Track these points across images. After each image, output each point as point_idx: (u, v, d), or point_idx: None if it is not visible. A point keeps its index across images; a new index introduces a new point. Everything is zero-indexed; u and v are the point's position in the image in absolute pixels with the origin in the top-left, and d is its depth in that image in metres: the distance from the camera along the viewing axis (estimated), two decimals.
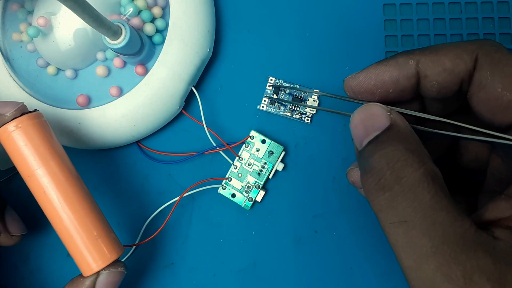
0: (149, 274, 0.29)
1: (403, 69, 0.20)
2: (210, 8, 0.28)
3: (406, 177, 0.16)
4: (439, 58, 0.19)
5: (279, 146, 0.28)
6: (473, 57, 0.19)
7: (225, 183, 0.28)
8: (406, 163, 0.17)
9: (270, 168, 0.28)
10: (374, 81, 0.20)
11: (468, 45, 0.19)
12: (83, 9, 0.20)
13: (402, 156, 0.17)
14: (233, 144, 0.28)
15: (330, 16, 0.30)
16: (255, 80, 0.29)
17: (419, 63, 0.19)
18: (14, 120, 0.21)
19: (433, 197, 0.16)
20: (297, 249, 0.28)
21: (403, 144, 0.17)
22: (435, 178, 0.17)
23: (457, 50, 0.19)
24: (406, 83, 0.20)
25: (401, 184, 0.16)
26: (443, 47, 0.19)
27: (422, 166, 0.17)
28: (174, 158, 0.29)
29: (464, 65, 0.19)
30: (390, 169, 0.17)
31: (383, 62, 0.20)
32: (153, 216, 0.27)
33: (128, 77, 0.27)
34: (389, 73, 0.20)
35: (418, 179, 0.16)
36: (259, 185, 0.28)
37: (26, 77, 0.28)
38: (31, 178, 0.22)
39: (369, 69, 0.21)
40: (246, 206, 0.28)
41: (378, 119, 0.19)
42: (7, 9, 0.28)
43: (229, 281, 0.28)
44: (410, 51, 0.20)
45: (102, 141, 0.28)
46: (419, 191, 0.16)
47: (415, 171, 0.16)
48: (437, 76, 0.19)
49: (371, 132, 0.19)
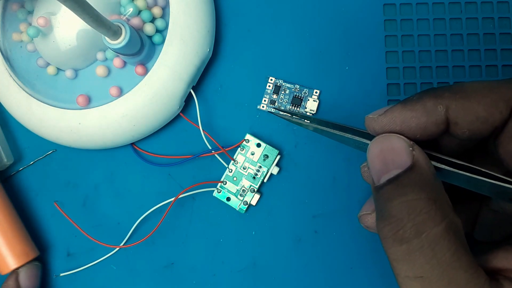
0: (149, 274, 0.29)
1: (431, 116, 0.18)
2: (210, 8, 0.28)
3: (427, 232, 0.15)
4: (472, 106, 0.17)
5: (274, 150, 0.28)
6: (510, 106, 0.17)
7: (220, 186, 0.28)
8: (429, 216, 0.16)
9: (265, 172, 0.28)
10: (400, 127, 0.18)
11: (505, 90, 0.17)
12: (83, 9, 0.20)
13: (424, 207, 0.16)
14: (228, 148, 0.28)
15: (330, 16, 0.30)
16: (255, 80, 0.29)
17: (449, 109, 0.18)
18: None
19: (453, 255, 0.15)
20: (297, 249, 0.28)
21: (426, 192, 0.16)
22: (457, 232, 0.16)
23: (492, 96, 0.17)
24: (435, 130, 0.18)
25: (420, 239, 0.16)
26: (475, 91, 0.18)
27: (444, 219, 0.16)
28: (170, 160, 0.29)
29: (499, 114, 0.17)
30: (411, 221, 0.16)
31: (408, 106, 0.18)
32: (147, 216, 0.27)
33: (128, 77, 0.27)
34: (416, 119, 0.18)
35: (439, 235, 0.15)
36: (254, 188, 0.28)
37: (26, 77, 0.28)
38: None
39: (394, 112, 0.18)
40: (240, 209, 0.28)
41: (399, 154, 0.17)
42: (7, 9, 0.28)
43: (229, 281, 0.28)
44: (438, 93, 0.18)
45: (102, 141, 0.28)
46: (439, 248, 0.15)
47: (437, 226, 0.15)
48: (469, 124, 0.17)
49: (391, 168, 0.17)
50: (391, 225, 0.16)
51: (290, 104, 0.29)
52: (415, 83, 0.29)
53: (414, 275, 0.16)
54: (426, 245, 0.15)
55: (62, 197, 0.29)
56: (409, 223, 0.16)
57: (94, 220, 0.29)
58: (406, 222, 0.16)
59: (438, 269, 0.15)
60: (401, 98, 0.29)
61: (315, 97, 0.29)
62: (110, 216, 0.29)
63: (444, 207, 0.16)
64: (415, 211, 0.16)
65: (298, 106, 0.29)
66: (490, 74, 0.29)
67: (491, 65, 0.29)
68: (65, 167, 0.30)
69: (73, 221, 0.27)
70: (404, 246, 0.16)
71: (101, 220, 0.29)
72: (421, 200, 0.16)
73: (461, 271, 0.15)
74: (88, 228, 0.29)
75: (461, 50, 0.29)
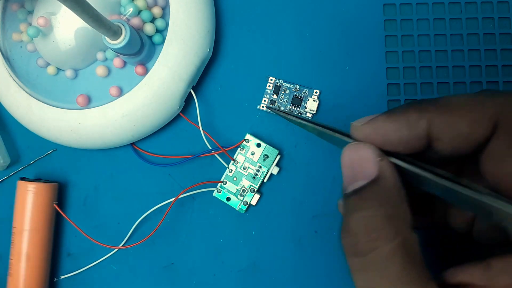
0: (149, 274, 0.29)
1: (413, 129, 0.18)
2: (210, 8, 0.28)
3: (379, 248, 0.16)
4: (455, 121, 0.17)
5: (274, 150, 0.28)
6: (493, 123, 0.17)
7: (220, 186, 0.28)
8: (382, 233, 0.16)
9: (265, 172, 0.28)
10: (382, 138, 0.18)
11: (489, 107, 0.17)
12: (83, 9, 0.20)
13: (380, 225, 0.17)
14: (228, 148, 0.28)
15: (330, 16, 0.30)
16: (255, 80, 0.29)
17: (432, 124, 0.17)
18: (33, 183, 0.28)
19: (402, 270, 0.16)
20: (297, 249, 0.28)
21: (384, 208, 0.17)
22: (409, 249, 0.16)
23: (476, 112, 0.17)
24: (417, 144, 0.18)
25: (373, 254, 0.16)
26: (459, 106, 0.17)
27: (397, 237, 0.16)
28: (170, 160, 0.29)
29: (482, 131, 0.17)
30: (365, 237, 0.17)
31: (392, 117, 0.18)
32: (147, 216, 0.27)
33: (128, 77, 0.27)
34: (398, 132, 0.18)
35: (390, 252, 0.16)
36: (254, 188, 0.28)
37: (26, 77, 0.28)
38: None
39: (377, 122, 0.18)
40: (240, 209, 0.28)
41: (366, 165, 0.18)
42: (7, 9, 0.28)
43: (229, 281, 0.28)
44: (423, 106, 0.18)
45: (102, 141, 0.28)
46: (389, 264, 0.16)
47: (389, 243, 0.16)
48: (451, 140, 0.17)
49: (357, 178, 0.18)
50: (349, 237, 0.17)
51: (290, 104, 0.29)
52: (415, 83, 0.29)
53: (367, 286, 0.17)
54: (378, 260, 0.16)
55: (62, 197, 0.29)
56: (364, 239, 0.17)
57: (94, 220, 0.29)
58: (361, 238, 0.17)
59: (388, 282, 0.16)
60: (401, 98, 0.29)
61: (315, 97, 0.29)
62: (110, 216, 0.29)
63: (399, 224, 0.17)
64: (370, 227, 0.17)
65: (298, 106, 0.29)
66: (490, 74, 0.29)
67: (491, 65, 0.29)
68: (65, 167, 0.30)
69: (73, 222, 0.27)
70: (360, 259, 0.17)
71: (101, 220, 0.29)
72: (377, 217, 0.17)
73: (410, 285, 0.16)
74: (88, 228, 0.29)
75: (461, 50, 0.29)
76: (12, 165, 0.30)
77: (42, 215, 0.28)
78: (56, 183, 0.29)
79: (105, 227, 0.29)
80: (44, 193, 0.28)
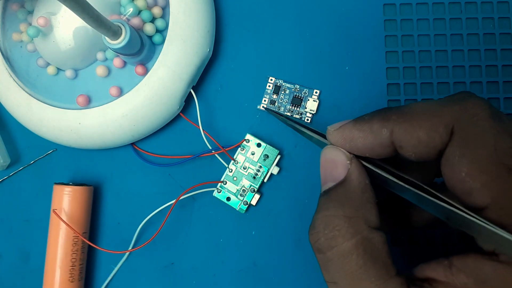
0: (149, 274, 0.29)
1: (377, 138, 0.18)
2: (210, 8, 0.28)
3: (337, 246, 0.18)
4: (414, 130, 0.18)
5: (275, 150, 0.28)
6: (449, 130, 0.17)
7: (220, 186, 0.28)
8: (340, 233, 0.18)
9: (265, 172, 0.28)
10: (349, 145, 0.19)
11: (446, 113, 0.18)
12: (83, 9, 0.20)
13: (338, 225, 0.18)
14: (228, 148, 0.28)
15: (330, 16, 0.30)
16: (255, 80, 0.29)
17: (393, 133, 0.18)
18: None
19: (360, 268, 0.17)
20: (297, 249, 0.28)
21: (345, 209, 0.18)
22: (368, 248, 0.17)
23: (433, 120, 0.18)
24: (381, 151, 0.19)
25: (332, 251, 0.18)
26: (418, 114, 0.18)
27: (355, 236, 0.17)
28: (170, 160, 0.29)
29: (439, 138, 0.17)
30: (324, 236, 0.18)
31: (357, 125, 0.19)
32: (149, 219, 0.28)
33: (128, 77, 0.27)
34: (362, 140, 0.19)
35: (347, 250, 0.17)
36: (254, 188, 0.28)
37: (26, 77, 0.28)
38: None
39: (345, 129, 0.19)
40: (240, 209, 0.28)
41: (337, 167, 0.19)
42: (7, 9, 0.28)
43: (229, 281, 0.28)
44: (386, 115, 0.19)
45: (102, 141, 0.28)
46: (347, 261, 0.17)
47: (346, 242, 0.17)
48: (413, 148, 0.18)
49: (328, 180, 0.19)
50: (313, 235, 0.19)
51: (290, 104, 0.29)
52: (415, 83, 0.29)
53: (330, 280, 0.18)
54: (336, 258, 0.18)
55: None
56: (323, 237, 0.18)
57: (94, 220, 0.29)
58: (321, 236, 0.18)
59: (347, 278, 0.17)
60: (401, 98, 0.29)
61: (315, 97, 0.29)
62: (110, 216, 0.29)
63: (358, 224, 0.18)
64: (329, 226, 0.18)
65: (298, 106, 0.29)
66: (490, 74, 0.29)
67: (491, 65, 0.29)
68: (65, 167, 0.30)
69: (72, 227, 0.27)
70: (321, 255, 0.18)
71: (101, 220, 0.29)
72: (337, 218, 0.18)
73: (367, 281, 0.17)
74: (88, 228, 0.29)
75: (461, 50, 0.29)
76: (12, 165, 0.30)
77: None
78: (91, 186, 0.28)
79: (105, 227, 0.29)
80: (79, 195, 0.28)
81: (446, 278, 0.17)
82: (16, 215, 0.30)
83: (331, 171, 0.19)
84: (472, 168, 0.17)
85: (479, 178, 0.17)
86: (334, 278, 0.18)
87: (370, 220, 0.18)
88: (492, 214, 0.16)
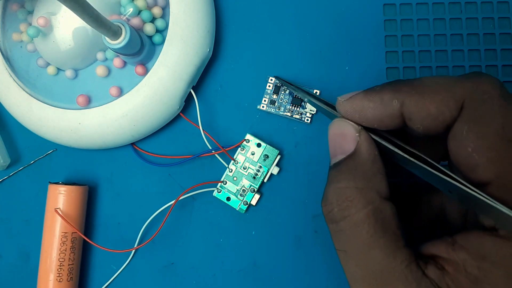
0: (149, 274, 0.29)
1: (387, 109, 0.19)
2: (210, 8, 0.28)
3: (349, 216, 0.18)
4: (424, 102, 0.18)
5: (274, 150, 0.28)
6: (459, 105, 0.18)
7: (220, 186, 0.28)
8: (352, 203, 0.18)
9: (265, 172, 0.28)
10: (359, 115, 0.19)
11: (458, 88, 0.18)
12: (83, 9, 0.20)
13: (350, 195, 0.18)
14: (228, 148, 0.28)
15: (330, 16, 0.30)
16: (255, 80, 0.29)
17: (404, 104, 0.18)
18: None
19: (371, 236, 0.18)
20: (297, 249, 0.28)
21: (356, 180, 0.18)
22: (380, 218, 0.18)
23: (445, 94, 0.18)
24: (390, 123, 0.19)
25: (344, 222, 0.18)
26: (430, 87, 0.18)
27: (367, 206, 0.18)
28: (170, 160, 0.29)
29: (449, 113, 0.18)
30: (337, 206, 0.18)
31: (368, 96, 0.19)
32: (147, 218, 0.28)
33: (128, 77, 0.27)
34: (372, 110, 0.19)
35: (360, 219, 0.18)
36: (254, 188, 0.28)
37: (26, 77, 0.28)
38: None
39: (355, 100, 0.19)
40: (240, 209, 0.28)
41: (346, 140, 0.19)
42: (7, 9, 0.28)
43: (229, 281, 0.28)
44: (397, 87, 0.19)
45: (102, 141, 0.28)
46: (359, 230, 0.18)
47: (358, 212, 0.18)
48: (421, 120, 0.18)
49: (338, 153, 0.19)
50: (325, 207, 0.19)
51: (290, 104, 0.29)
52: None
53: (340, 248, 0.19)
54: (348, 227, 0.18)
55: None
56: (336, 208, 0.18)
57: (94, 220, 0.29)
58: (334, 206, 0.18)
59: (357, 246, 0.18)
60: None
61: None
62: (110, 216, 0.29)
63: (370, 194, 0.18)
64: (341, 198, 0.18)
65: (298, 106, 0.29)
66: (490, 74, 0.29)
67: (491, 65, 0.29)
68: (65, 167, 0.30)
69: (73, 226, 0.27)
70: (334, 225, 0.19)
71: (101, 220, 0.29)
72: (348, 189, 0.18)
73: (377, 250, 0.17)
74: (88, 228, 0.29)
75: (461, 50, 0.29)
76: (12, 165, 0.30)
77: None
78: (86, 185, 0.29)
79: (105, 227, 0.29)
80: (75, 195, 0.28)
81: (448, 255, 0.18)
82: (16, 215, 0.30)
83: (341, 144, 0.19)
84: (478, 144, 0.17)
85: (485, 154, 0.17)
86: (345, 247, 0.18)
87: (381, 191, 0.18)
88: (495, 190, 0.17)
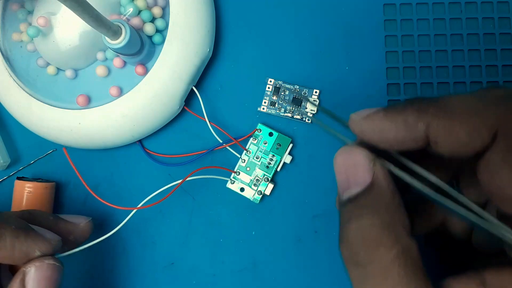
0: (149, 274, 0.29)
1: (411, 131, 0.17)
2: (210, 8, 0.28)
3: (378, 258, 0.16)
4: (454, 128, 0.16)
5: (287, 138, 0.28)
6: (493, 133, 0.16)
7: (233, 177, 0.28)
8: (381, 243, 0.16)
9: (278, 161, 0.28)
10: (378, 136, 0.18)
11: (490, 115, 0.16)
12: (83, 9, 0.20)
13: (377, 234, 0.16)
14: (240, 138, 0.28)
15: (330, 16, 0.30)
16: (255, 81, 0.29)
17: (430, 127, 0.17)
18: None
19: (402, 280, 0.16)
20: (297, 249, 0.28)
21: (380, 216, 0.17)
22: (408, 257, 0.16)
23: (476, 120, 0.16)
24: (413, 145, 0.17)
25: (373, 265, 0.16)
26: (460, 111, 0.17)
27: (396, 245, 0.16)
28: (182, 159, 0.29)
29: (481, 141, 0.16)
30: (364, 249, 0.16)
31: (389, 116, 0.17)
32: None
33: (128, 77, 0.27)
34: (394, 132, 0.17)
35: (390, 261, 0.16)
36: (267, 178, 0.28)
37: (26, 77, 0.28)
38: None
39: (375, 119, 0.18)
40: (255, 199, 0.28)
41: (360, 170, 0.17)
42: (7, 9, 0.28)
43: (229, 281, 0.28)
44: (422, 107, 0.17)
45: (102, 141, 0.28)
46: (390, 274, 0.16)
47: (388, 253, 0.16)
48: (449, 145, 0.17)
49: (352, 185, 0.18)
50: (348, 248, 0.17)
51: (291, 104, 0.29)
52: (415, 83, 0.29)
53: None
54: (378, 271, 0.16)
55: (62, 197, 0.29)
56: (362, 251, 0.16)
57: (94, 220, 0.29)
58: (359, 249, 0.16)
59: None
60: (401, 98, 0.29)
61: (315, 97, 0.29)
62: (110, 216, 0.29)
63: (397, 231, 0.16)
64: (368, 238, 0.16)
65: (298, 106, 0.29)
66: (490, 74, 0.29)
67: (491, 65, 0.29)
68: (65, 167, 0.30)
69: None
70: (360, 270, 0.17)
71: (101, 220, 0.29)
72: (374, 227, 0.16)
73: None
74: None
75: (461, 50, 0.29)
76: (12, 165, 0.30)
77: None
78: (54, 182, 0.28)
79: (105, 227, 0.29)
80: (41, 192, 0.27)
81: None
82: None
83: (354, 175, 0.18)
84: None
85: None
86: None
87: (405, 226, 0.17)
88: None
